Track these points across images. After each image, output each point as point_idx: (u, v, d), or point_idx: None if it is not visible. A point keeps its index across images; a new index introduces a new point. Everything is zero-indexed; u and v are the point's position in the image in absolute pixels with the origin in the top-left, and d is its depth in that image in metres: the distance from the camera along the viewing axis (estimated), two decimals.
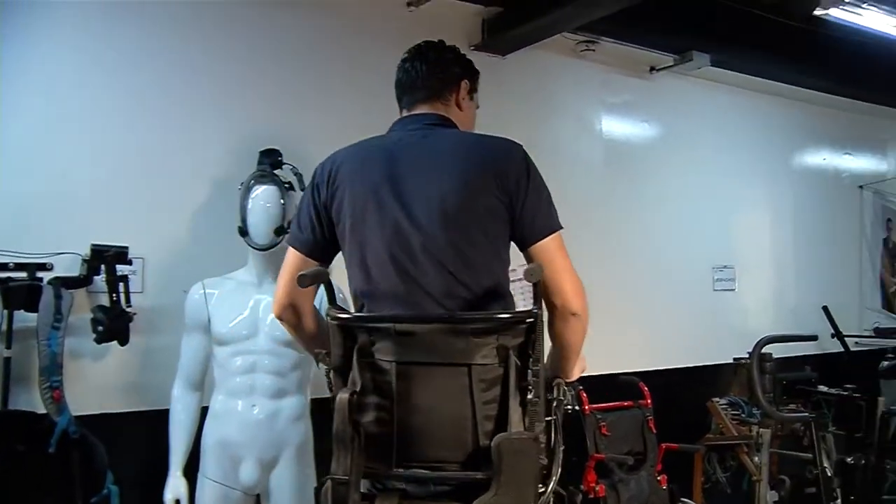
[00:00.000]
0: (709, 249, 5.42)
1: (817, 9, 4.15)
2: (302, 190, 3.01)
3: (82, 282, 3.12)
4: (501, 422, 1.82)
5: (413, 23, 4.10)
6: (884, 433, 4.15)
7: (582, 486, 3.93)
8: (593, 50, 4.64)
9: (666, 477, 4.11)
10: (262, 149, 3.15)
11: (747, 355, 4.63)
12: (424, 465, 1.87)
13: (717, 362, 5.10)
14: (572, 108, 4.81)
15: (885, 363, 4.63)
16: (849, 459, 4.13)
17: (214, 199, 3.50)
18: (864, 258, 6.50)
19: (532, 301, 1.86)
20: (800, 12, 4.68)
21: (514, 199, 1.98)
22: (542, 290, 1.91)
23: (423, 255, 1.97)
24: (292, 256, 2.15)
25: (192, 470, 3.03)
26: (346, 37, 3.95)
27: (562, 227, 2.04)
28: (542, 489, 1.86)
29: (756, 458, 4.18)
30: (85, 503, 2.91)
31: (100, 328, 3.07)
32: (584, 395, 4.12)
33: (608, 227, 4.83)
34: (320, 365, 2.00)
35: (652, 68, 5.04)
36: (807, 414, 4.04)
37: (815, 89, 5.58)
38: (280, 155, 3.09)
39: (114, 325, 3.09)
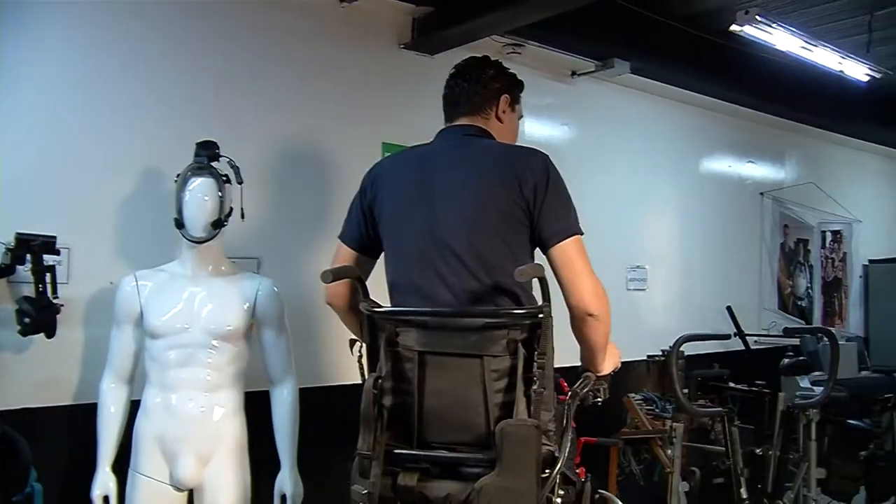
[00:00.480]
0: (623, 250, 5.58)
1: (733, 25, 4.35)
2: (240, 183, 3.00)
3: (4, 271, 3.01)
4: (509, 409, 1.99)
5: (345, 19, 4.11)
6: (788, 427, 4.36)
7: None
8: (519, 53, 4.71)
9: (584, 469, 4.21)
10: (197, 140, 3.10)
11: (661, 353, 4.79)
12: (442, 445, 2.09)
13: (631, 359, 5.25)
14: None
15: (786, 361, 4.85)
16: (758, 451, 4.33)
17: (144, 189, 3.42)
18: (764, 261, 6.80)
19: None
20: (715, 27, 4.89)
21: (531, 204, 2.17)
22: (563, 292, 2.18)
23: (445, 253, 2.18)
24: (340, 249, 2.49)
25: (120, 466, 2.95)
26: (279, 31, 3.91)
27: (581, 233, 2.19)
28: (547, 474, 2.00)
29: (669, 451, 4.33)
30: (7, 502, 2.81)
31: (26, 320, 2.96)
32: (564, 383, 4.20)
33: None
34: (353, 351, 2.22)
35: (574, 73, 5.16)
36: (721, 409, 4.21)
37: (725, 100, 5.81)
38: (217, 147, 3.04)
39: (41, 316, 2.98)
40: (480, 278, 2.15)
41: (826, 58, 4.88)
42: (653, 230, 5.84)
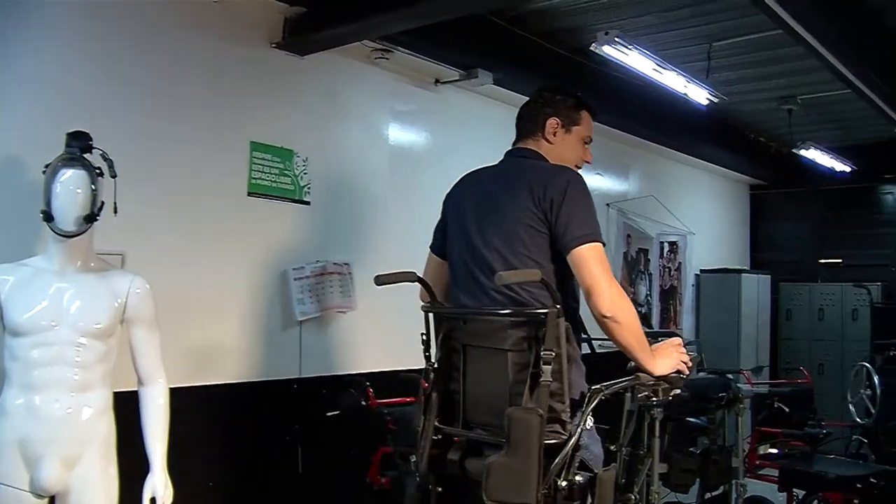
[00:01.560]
0: None
1: (593, 44, 4.57)
2: (113, 177, 2.91)
3: None
4: (523, 398, 2.26)
5: (217, 16, 4.07)
6: (639, 426, 4.60)
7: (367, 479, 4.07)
8: (387, 59, 4.77)
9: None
10: (69, 131, 2.98)
11: None
12: (480, 427, 2.45)
13: None
14: (363, 113, 4.92)
15: (632, 363, 5.10)
16: (612, 448, 4.54)
17: (2, 179, 3.27)
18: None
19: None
20: (575, 44, 5.11)
21: (548, 214, 2.41)
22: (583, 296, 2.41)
23: (481, 259, 2.53)
24: (429, 255, 2.93)
25: None
26: (151, 25, 3.82)
27: (599, 241, 2.39)
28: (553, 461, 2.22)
29: None
30: None
31: None
32: (371, 390, 4.26)
33: (390, 232, 4.98)
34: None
35: (437, 80, 5.27)
36: None
37: None
38: (90, 138, 2.93)
39: None
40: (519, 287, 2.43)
41: (673, 81, 5.19)
42: None
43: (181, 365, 3.77)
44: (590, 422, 2.37)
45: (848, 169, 8.35)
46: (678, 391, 2.60)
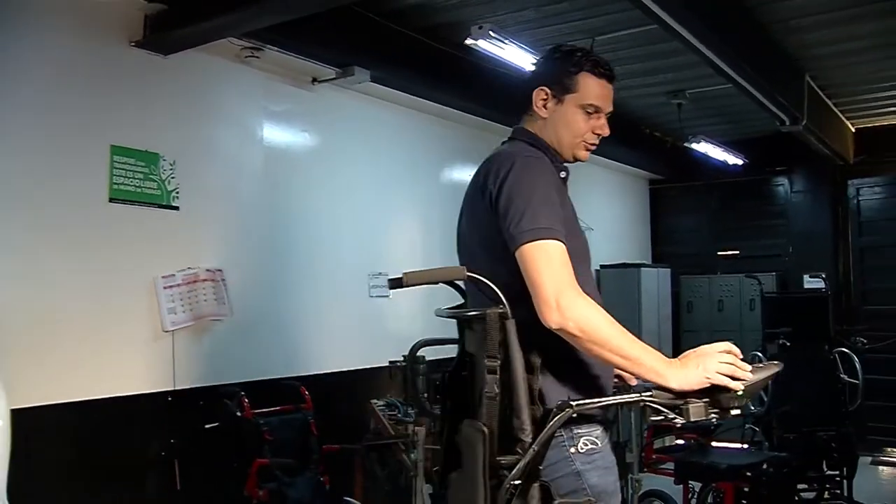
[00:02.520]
0: (366, 257, 5.62)
1: (468, 39, 4.51)
2: None
3: None
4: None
5: (71, 13, 3.91)
6: None
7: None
8: (258, 57, 4.64)
9: (328, 477, 4.22)
10: None
11: (402, 358, 4.86)
12: None
13: (374, 365, 5.30)
14: (234, 114, 4.78)
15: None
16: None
17: None
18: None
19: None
20: (452, 39, 5.05)
21: (493, 210, 2.08)
22: None
23: (468, 262, 2.26)
24: None
25: None
26: (8, 18, 3.65)
27: (547, 237, 1.97)
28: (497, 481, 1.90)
29: (413, 455, 4.40)
30: None
31: None
32: (246, 400, 4.12)
33: (267, 235, 4.85)
34: None
35: (314, 79, 5.15)
36: None
37: (462, 110, 6.01)
38: None
39: None
40: (480, 286, 2.02)
41: None
42: (395, 237, 5.93)
43: (45, 383, 3.59)
44: (587, 443, 2.07)
45: (740, 162, 8.49)
46: (735, 411, 1.97)
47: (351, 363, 5.22)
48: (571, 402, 1.90)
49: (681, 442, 6.68)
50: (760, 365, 1.96)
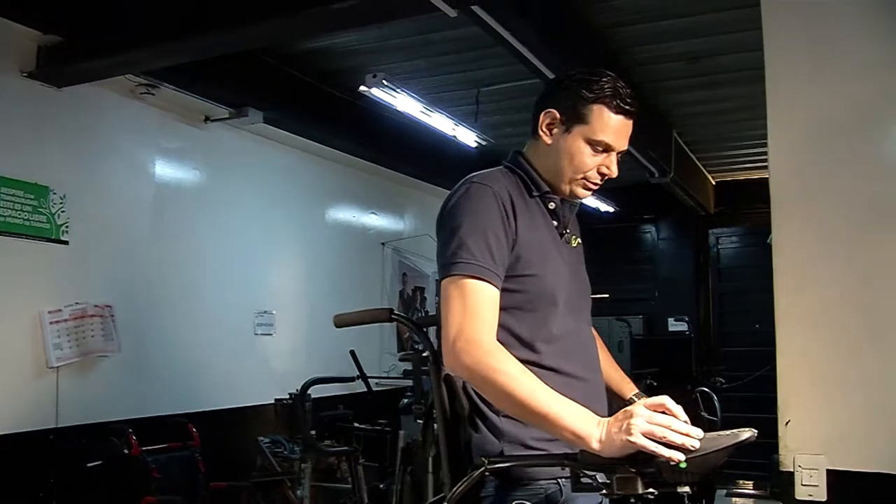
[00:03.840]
0: (251, 295, 5.64)
1: (362, 86, 4.66)
2: None
3: None
4: None
5: None
6: (409, 462, 4.67)
7: None
8: (153, 94, 4.66)
9: None
10: None
11: (288, 396, 4.91)
12: None
13: (260, 403, 5.32)
14: (127, 149, 4.76)
15: (405, 400, 5.18)
16: (382, 486, 4.58)
17: None
18: (385, 307, 7.20)
19: None
20: (346, 85, 5.19)
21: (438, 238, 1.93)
22: None
23: None
24: None
25: None
26: None
27: (461, 274, 1.77)
28: None
29: (299, 492, 4.45)
30: None
31: None
32: (133, 438, 4.09)
33: (157, 271, 4.83)
34: None
35: (207, 118, 5.18)
36: (347, 448, 4.41)
37: (354, 154, 6.17)
38: None
39: None
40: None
41: (442, 123, 5.38)
42: (281, 276, 5.98)
43: None
44: None
45: (612, 209, 8.92)
46: (683, 488, 1.56)
47: (237, 400, 5.22)
48: (484, 460, 1.69)
49: None
50: (726, 432, 1.54)
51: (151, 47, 3.97)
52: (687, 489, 1.58)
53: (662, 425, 1.49)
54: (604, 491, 1.57)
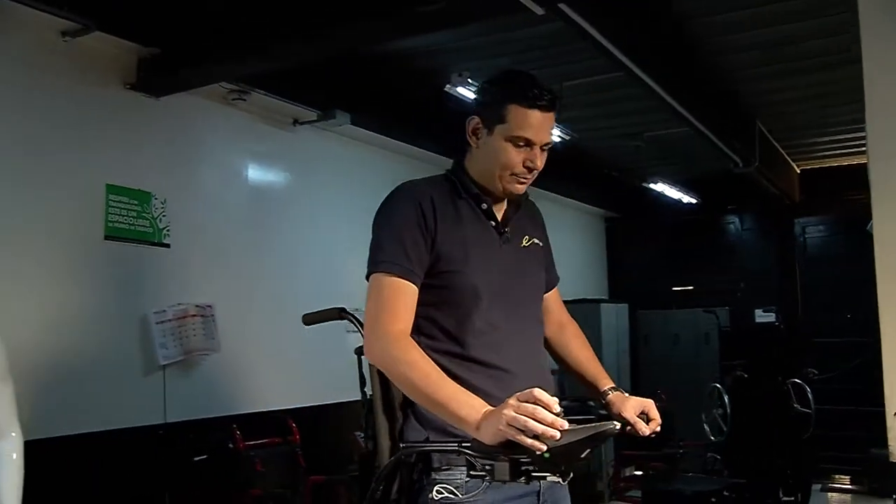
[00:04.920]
0: (341, 293, 5.71)
1: (447, 85, 4.73)
2: None
3: None
4: None
5: (67, 55, 4.00)
6: None
7: None
8: (244, 100, 4.80)
9: None
10: None
11: None
12: None
13: (356, 398, 5.41)
14: (221, 154, 4.92)
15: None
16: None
17: None
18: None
19: None
20: (432, 84, 5.27)
21: None
22: None
23: None
24: None
25: None
26: (8, 60, 3.76)
27: (378, 271, 1.96)
28: None
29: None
30: None
31: None
32: (238, 433, 4.23)
33: (252, 272, 4.97)
34: None
35: (296, 121, 5.31)
36: None
37: (438, 153, 6.21)
38: None
39: None
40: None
41: None
42: None
43: (38, 416, 3.64)
44: (442, 490, 1.85)
45: (694, 201, 8.85)
46: (552, 478, 1.80)
47: (335, 396, 5.33)
48: (402, 445, 1.90)
49: (638, 473, 6.89)
50: (590, 424, 1.62)
51: (243, 55, 4.11)
52: (557, 479, 1.80)
53: (526, 415, 1.56)
54: (487, 477, 1.69)
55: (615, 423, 1.65)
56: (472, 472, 1.74)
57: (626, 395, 2.09)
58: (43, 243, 3.88)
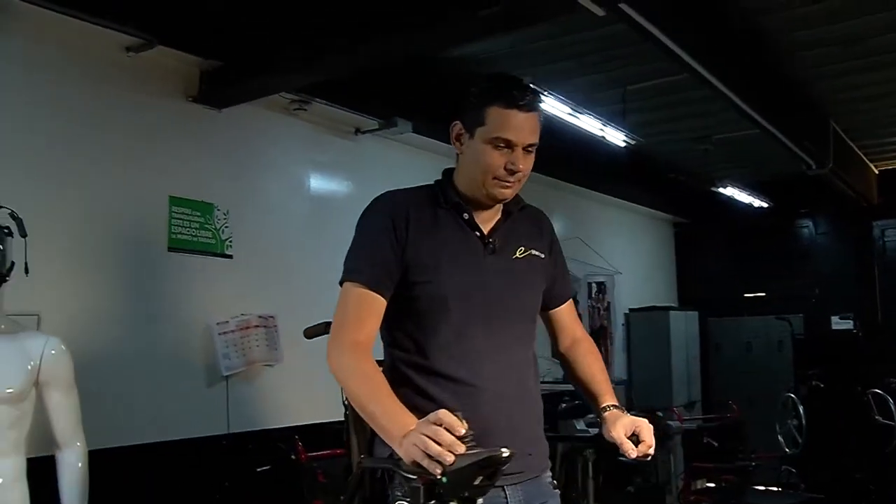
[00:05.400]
0: None
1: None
2: (23, 236, 2.85)
3: None
4: None
5: (131, 69, 4.05)
6: (572, 466, 4.64)
7: None
8: (305, 110, 4.81)
9: None
10: None
11: None
12: None
13: None
14: (282, 164, 4.92)
15: (563, 405, 5.14)
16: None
17: None
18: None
19: None
20: None
21: None
22: None
23: None
24: None
25: None
26: (62, 77, 3.80)
27: (347, 279, 1.97)
28: None
29: None
30: None
31: None
32: (300, 444, 4.22)
33: (314, 282, 4.95)
34: None
35: (357, 130, 5.31)
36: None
37: None
38: None
39: None
40: None
41: (590, 124, 5.32)
42: None
43: (101, 426, 3.67)
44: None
45: (765, 205, 8.62)
46: None
47: None
48: (362, 458, 1.91)
49: (710, 485, 6.71)
50: (482, 451, 1.54)
51: (303, 65, 4.11)
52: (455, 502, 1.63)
53: (427, 436, 1.53)
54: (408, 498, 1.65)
55: (504, 449, 1.54)
56: (403, 490, 1.72)
57: (624, 413, 1.98)
58: (108, 253, 3.93)
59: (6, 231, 2.81)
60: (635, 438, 1.88)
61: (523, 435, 1.93)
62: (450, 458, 1.50)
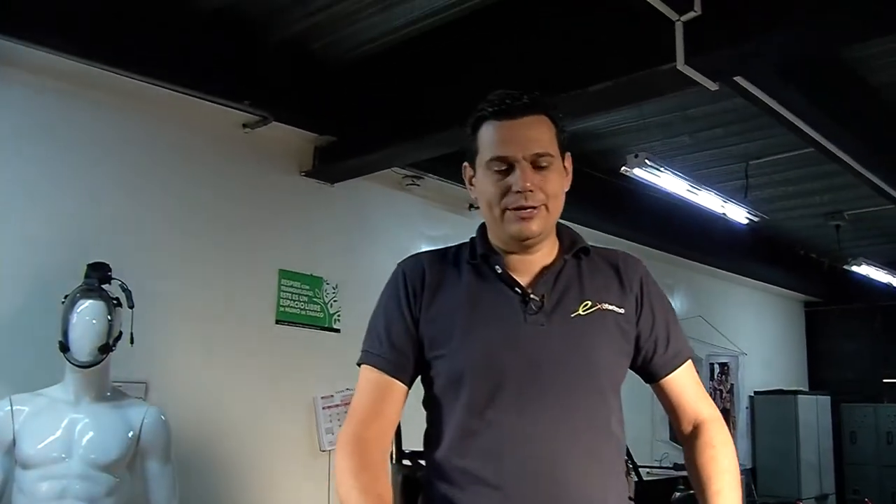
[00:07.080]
0: None
1: (623, 167, 4.55)
2: (130, 307, 2.92)
3: None
4: None
5: (247, 145, 4.16)
6: None
7: None
8: (418, 185, 4.82)
9: None
10: (89, 262, 3.02)
11: None
12: None
13: None
14: (393, 238, 4.92)
15: (677, 494, 4.88)
16: None
17: (26, 308, 3.31)
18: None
19: None
20: (607, 166, 5.12)
21: None
22: None
23: None
24: None
25: None
26: (182, 153, 3.94)
27: (360, 362, 1.73)
28: None
29: None
30: None
31: None
32: None
33: None
34: None
35: (471, 206, 5.27)
36: None
37: (618, 236, 6.00)
38: (109, 269, 2.97)
39: None
40: None
41: (710, 201, 5.13)
42: None
43: (200, 498, 3.70)
44: None
45: None
46: None
47: None
48: None
49: None
50: None
51: (416, 141, 4.12)
52: None
53: None
54: None
55: None
56: None
57: None
58: (218, 323, 3.99)
59: (116, 302, 2.89)
60: None
61: None
62: None
